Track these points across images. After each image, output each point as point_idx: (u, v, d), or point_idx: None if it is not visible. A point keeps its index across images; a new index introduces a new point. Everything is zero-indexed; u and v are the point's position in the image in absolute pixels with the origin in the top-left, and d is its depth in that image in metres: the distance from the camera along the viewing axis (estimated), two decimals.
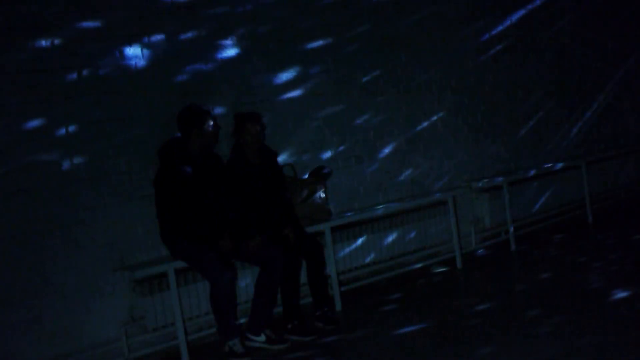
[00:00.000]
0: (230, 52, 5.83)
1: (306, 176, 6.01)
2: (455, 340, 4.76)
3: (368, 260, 6.47)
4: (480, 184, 7.40)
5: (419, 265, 6.88)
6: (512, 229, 7.39)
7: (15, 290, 4.73)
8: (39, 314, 4.80)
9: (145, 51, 5.36)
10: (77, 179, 5.02)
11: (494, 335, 4.74)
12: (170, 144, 4.98)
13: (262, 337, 5.06)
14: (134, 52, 5.30)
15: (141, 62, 5.33)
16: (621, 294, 5.23)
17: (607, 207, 8.74)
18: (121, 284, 5.15)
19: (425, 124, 7.23)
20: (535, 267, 6.52)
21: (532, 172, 7.82)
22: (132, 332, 5.17)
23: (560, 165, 8.14)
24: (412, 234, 6.78)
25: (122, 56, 5.25)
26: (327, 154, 6.45)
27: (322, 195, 5.81)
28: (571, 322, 4.75)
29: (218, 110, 5.64)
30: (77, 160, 5.03)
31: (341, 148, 6.55)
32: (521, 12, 8.24)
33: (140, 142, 5.30)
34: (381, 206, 6.57)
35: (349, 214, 6.31)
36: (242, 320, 5.31)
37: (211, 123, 5.00)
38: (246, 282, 5.58)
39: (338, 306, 5.87)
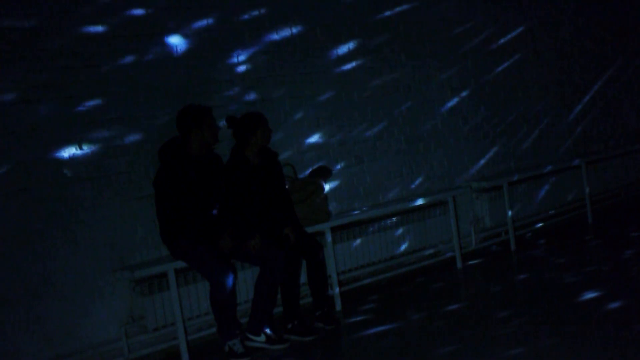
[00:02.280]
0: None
1: (306, 176, 6.01)
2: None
3: (368, 260, 6.47)
4: (480, 184, 7.40)
5: (419, 265, 6.88)
6: (512, 229, 7.39)
7: (15, 290, 4.73)
8: (39, 314, 4.80)
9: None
10: (77, 179, 5.03)
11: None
12: (170, 144, 4.98)
13: (262, 337, 5.06)
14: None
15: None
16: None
17: (607, 207, 8.74)
18: (121, 284, 5.15)
19: (425, 124, 7.23)
20: (530, 268, 6.53)
21: (532, 172, 7.82)
22: (132, 332, 5.17)
23: (560, 165, 8.14)
24: (412, 234, 6.78)
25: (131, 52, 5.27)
26: (327, 154, 6.45)
27: (323, 195, 5.81)
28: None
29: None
30: (77, 160, 5.03)
31: (341, 148, 6.55)
32: (521, 13, 8.25)
33: (141, 142, 5.31)
34: (381, 206, 6.57)
35: (349, 213, 6.31)
36: (242, 320, 5.31)
37: (210, 122, 5.00)
38: (246, 282, 5.58)
39: (338, 306, 5.87)
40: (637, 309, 4.82)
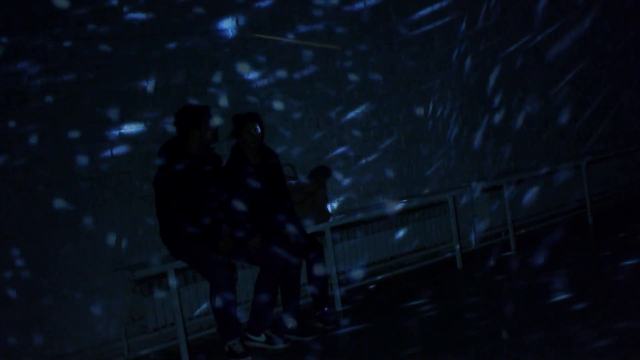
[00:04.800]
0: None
1: (306, 176, 6.01)
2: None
3: (368, 260, 6.47)
4: (480, 184, 7.40)
5: (419, 265, 6.89)
6: (512, 229, 7.39)
7: (15, 290, 4.73)
8: (39, 313, 4.81)
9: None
10: (77, 178, 5.03)
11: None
12: (170, 144, 4.98)
13: (262, 337, 5.06)
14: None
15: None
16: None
17: (607, 207, 8.74)
18: (121, 284, 5.15)
19: (425, 124, 7.23)
20: (528, 268, 6.51)
21: (533, 172, 7.82)
22: (132, 332, 5.17)
23: (560, 165, 8.14)
24: (412, 234, 6.78)
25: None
26: (327, 154, 6.45)
27: (323, 195, 5.81)
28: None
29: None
30: (78, 160, 5.03)
31: (341, 148, 6.55)
32: (521, 13, 8.25)
33: (141, 142, 5.31)
34: (381, 206, 6.57)
35: (349, 214, 6.31)
36: (242, 320, 5.31)
37: (209, 122, 4.99)
38: (246, 282, 5.58)
39: (338, 306, 5.87)
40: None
